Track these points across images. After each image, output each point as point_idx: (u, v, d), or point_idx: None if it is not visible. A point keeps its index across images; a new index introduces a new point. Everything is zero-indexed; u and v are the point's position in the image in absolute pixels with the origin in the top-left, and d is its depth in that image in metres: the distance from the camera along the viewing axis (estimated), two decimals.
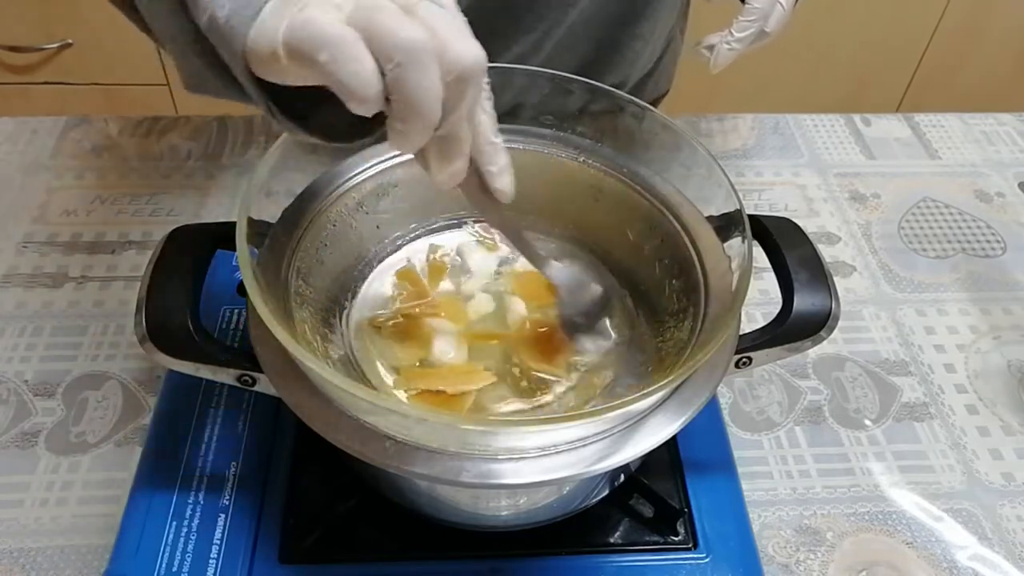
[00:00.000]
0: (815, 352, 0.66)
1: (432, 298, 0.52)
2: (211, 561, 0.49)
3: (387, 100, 0.32)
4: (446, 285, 0.54)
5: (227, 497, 0.51)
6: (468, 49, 0.32)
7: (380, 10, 0.31)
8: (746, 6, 0.54)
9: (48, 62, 1.42)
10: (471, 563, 0.50)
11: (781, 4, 0.55)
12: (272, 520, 0.51)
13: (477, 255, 0.55)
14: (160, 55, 1.41)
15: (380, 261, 0.55)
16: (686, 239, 0.49)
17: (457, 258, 0.55)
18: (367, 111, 0.32)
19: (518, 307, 0.52)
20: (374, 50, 0.31)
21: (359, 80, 0.31)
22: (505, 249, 0.56)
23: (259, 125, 0.82)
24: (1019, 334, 0.68)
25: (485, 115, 0.37)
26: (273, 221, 0.48)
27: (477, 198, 0.41)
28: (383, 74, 0.31)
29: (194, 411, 0.55)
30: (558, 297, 0.48)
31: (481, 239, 0.56)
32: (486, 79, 0.36)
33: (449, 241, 0.56)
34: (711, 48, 0.56)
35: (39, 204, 0.73)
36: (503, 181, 0.40)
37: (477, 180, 0.40)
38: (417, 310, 0.51)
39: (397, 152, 0.53)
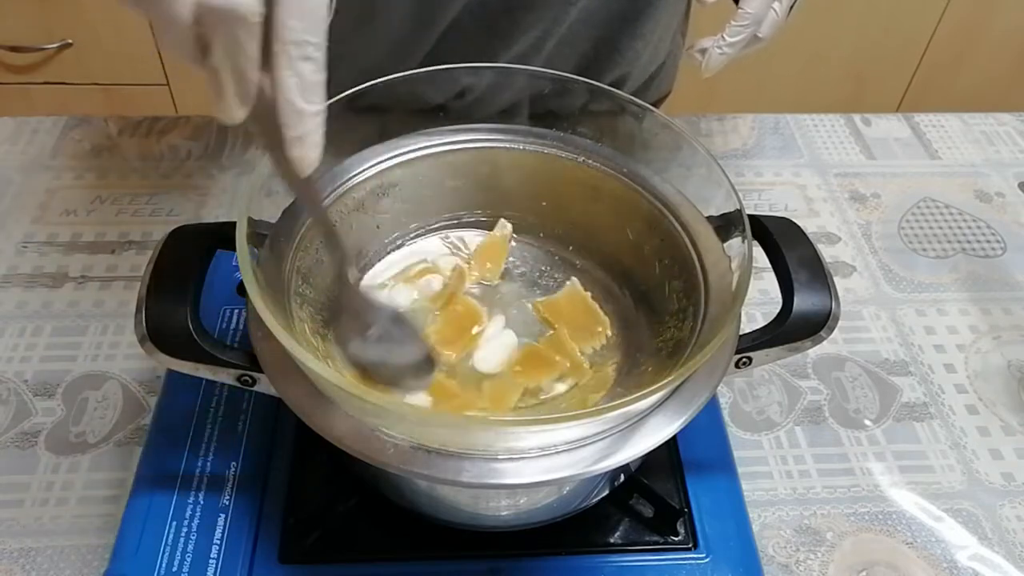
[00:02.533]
0: (815, 352, 0.66)
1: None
2: (211, 561, 0.49)
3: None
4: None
5: (227, 497, 0.51)
6: None
7: None
8: (739, 11, 0.54)
9: (48, 62, 1.42)
10: (471, 563, 0.50)
11: (775, 10, 0.55)
12: (272, 520, 0.51)
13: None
14: (160, 55, 1.41)
15: (380, 261, 0.55)
16: (686, 239, 0.49)
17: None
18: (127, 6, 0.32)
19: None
20: None
21: None
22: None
23: None
24: (1019, 334, 0.68)
25: (290, 74, 0.34)
26: (273, 221, 0.48)
27: (278, 164, 0.38)
28: None
29: (194, 411, 0.55)
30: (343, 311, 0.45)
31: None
32: (301, 37, 0.33)
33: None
34: (703, 52, 0.56)
35: (39, 204, 0.73)
36: (297, 151, 0.36)
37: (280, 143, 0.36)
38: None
39: (397, 152, 0.53)
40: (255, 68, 0.33)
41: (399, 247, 0.56)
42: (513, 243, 0.57)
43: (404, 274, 0.54)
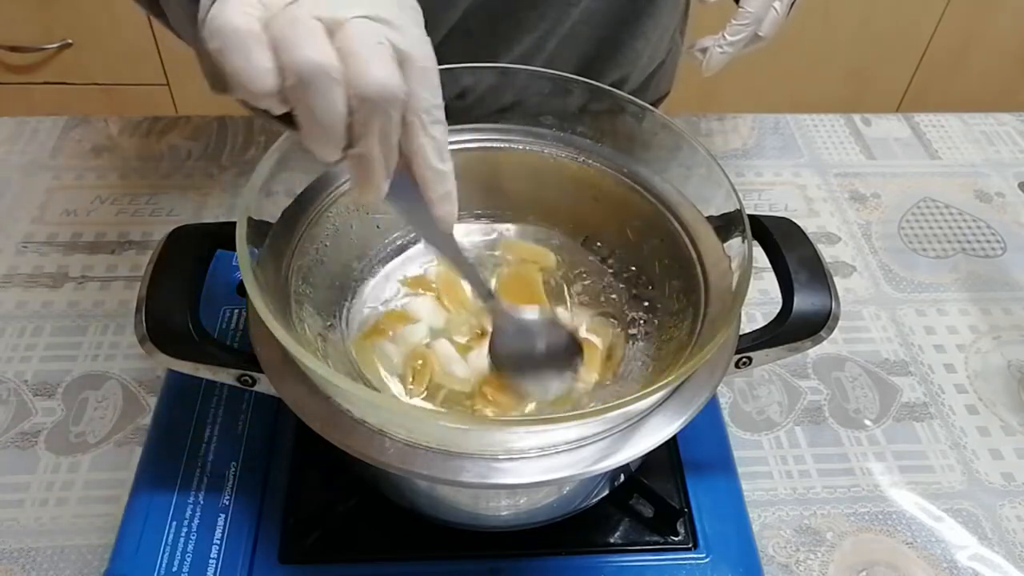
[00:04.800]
0: (815, 352, 0.66)
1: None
2: (211, 561, 0.49)
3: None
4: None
5: (227, 497, 0.51)
6: (375, 76, 0.32)
7: (296, 23, 0.31)
8: (740, 10, 0.54)
9: (48, 62, 1.42)
10: (471, 563, 0.50)
11: (775, 8, 0.55)
12: (272, 520, 0.51)
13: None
14: (160, 55, 1.41)
15: (380, 261, 0.55)
16: (686, 239, 0.49)
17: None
18: (264, 106, 0.33)
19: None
20: (281, 61, 0.32)
21: (246, 76, 0.32)
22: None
23: (259, 125, 0.82)
24: (1019, 334, 0.68)
25: (428, 139, 0.36)
26: (273, 221, 0.48)
27: (420, 226, 0.40)
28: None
29: (194, 411, 0.55)
30: (493, 334, 0.47)
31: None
32: (430, 103, 0.35)
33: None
34: (704, 51, 0.56)
35: (39, 204, 0.73)
36: (443, 209, 0.39)
37: (422, 206, 0.39)
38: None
39: None
40: (397, 142, 0.35)
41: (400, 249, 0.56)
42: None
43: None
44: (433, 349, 0.50)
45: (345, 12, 0.32)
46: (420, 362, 0.49)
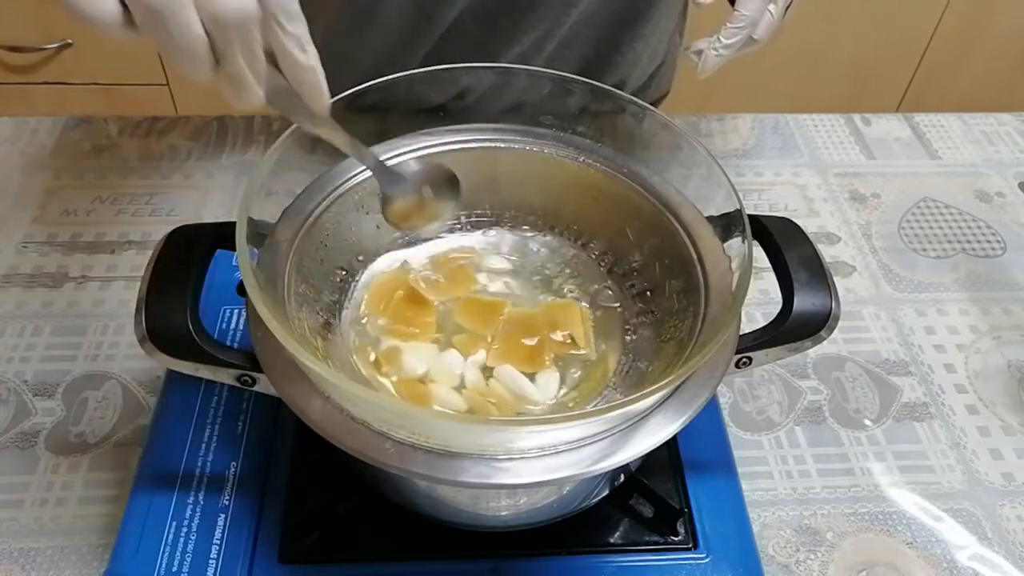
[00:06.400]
0: (815, 352, 0.66)
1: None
2: (211, 561, 0.49)
3: None
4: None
5: (227, 497, 0.51)
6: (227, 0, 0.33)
7: None
8: (735, 12, 0.54)
9: (48, 62, 1.42)
10: (471, 563, 0.50)
11: (770, 12, 0.55)
12: (272, 520, 0.51)
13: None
14: (160, 55, 1.41)
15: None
16: (686, 239, 0.49)
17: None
18: (114, 36, 0.34)
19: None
20: None
21: (93, 8, 0.33)
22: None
23: (259, 125, 0.82)
24: (1019, 334, 0.68)
25: (287, 36, 0.36)
26: (273, 221, 0.48)
27: (301, 118, 0.41)
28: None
29: (194, 411, 0.55)
30: (381, 195, 0.49)
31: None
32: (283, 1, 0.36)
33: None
34: (699, 53, 0.56)
35: (39, 204, 0.73)
36: (314, 99, 0.39)
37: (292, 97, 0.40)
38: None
39: (397, 152, 0.53)
40: (262, 50, 0.36)
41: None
42: (513, 243, 0.57)
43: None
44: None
45: None
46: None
